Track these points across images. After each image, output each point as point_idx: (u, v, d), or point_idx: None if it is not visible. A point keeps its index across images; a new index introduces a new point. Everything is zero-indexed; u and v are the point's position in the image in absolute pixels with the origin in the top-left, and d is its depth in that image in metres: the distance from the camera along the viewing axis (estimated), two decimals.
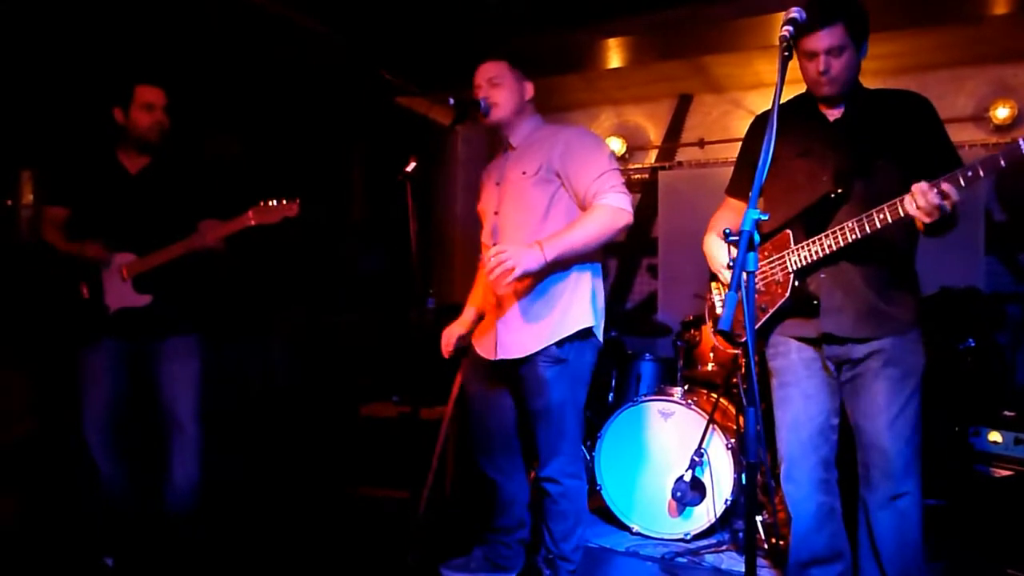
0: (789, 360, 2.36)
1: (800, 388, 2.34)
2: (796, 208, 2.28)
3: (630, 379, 4.22)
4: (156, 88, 2.92)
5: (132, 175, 2.95)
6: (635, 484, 3.59)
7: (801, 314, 2.30)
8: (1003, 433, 3.29)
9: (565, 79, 5.35)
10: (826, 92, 2.24)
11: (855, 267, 2.23)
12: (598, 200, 2.47)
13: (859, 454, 2.31)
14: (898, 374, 2.22)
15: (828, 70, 2.17)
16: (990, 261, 4.82)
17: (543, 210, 2.55)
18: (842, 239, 2.15)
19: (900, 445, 2.21)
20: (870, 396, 2.24)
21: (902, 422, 2.22)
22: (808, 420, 2.33)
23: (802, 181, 2.28)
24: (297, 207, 2.86)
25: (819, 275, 2.26)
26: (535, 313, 2.55)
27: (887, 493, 2.23)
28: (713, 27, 4.31)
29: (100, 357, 2.90)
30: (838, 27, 2.12)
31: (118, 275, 2.88)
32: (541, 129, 2.71)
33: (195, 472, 2.94)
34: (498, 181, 2.71)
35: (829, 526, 2.34)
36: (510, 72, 2.66)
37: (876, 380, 2.23)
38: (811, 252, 2.23)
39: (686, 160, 5.76)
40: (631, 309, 5.94)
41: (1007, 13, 3.97)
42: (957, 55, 4.60)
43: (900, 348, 2.23)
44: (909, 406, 2.23)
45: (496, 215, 2.66)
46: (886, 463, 2.23)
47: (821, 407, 2.33)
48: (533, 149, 2.64)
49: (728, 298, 1.54)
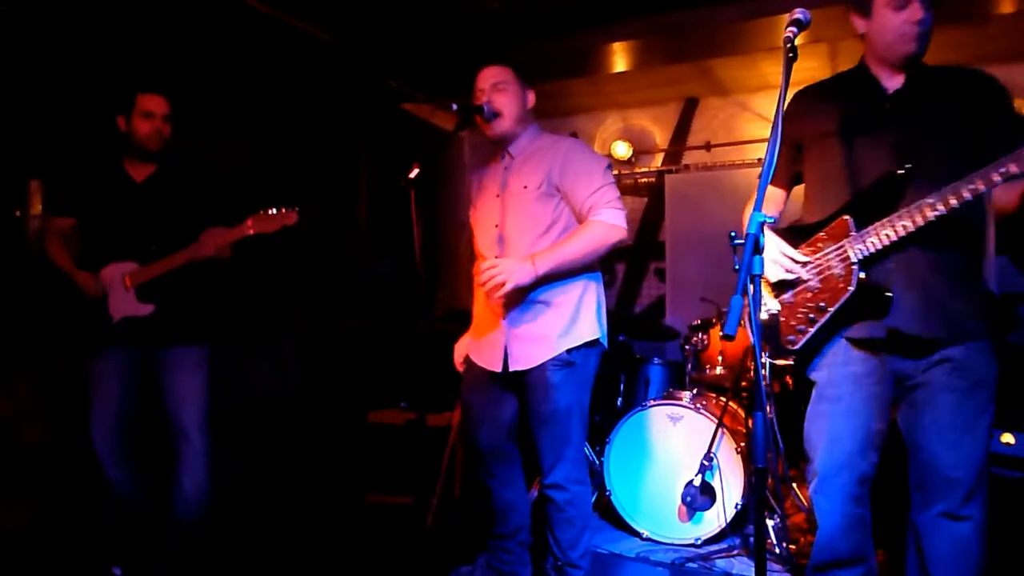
0: (833, 373, 2.13)
1: (844, 404, 2.10)
2: (855, 189, 2.05)
3: (639, 383, 4.21)
4: (158, 96, 2.93)
5: (137, 184, 2.97)
6: (645, 489, 3.57)
7: (866, 313, 2.03)
8: (1016, 435, 3.26)
9: (571, 83, 5.37)
10: (913, 49, 2.03)
11: (927, 258, 1.99)
12: (593, 215, 2.50)
13: (913, 473, 2.10)
14: (966, 385, 1.99)
15: (924, 20, 1.98)
16: (1001, 261, 4.78)
17: (547, 223, 2.55)
18: (920, 217, 1.90)
19: (965, 468, 2.00)
20: (932, 411, 2.03)
21: (969, 441, 2.00)
22: (850, 436, 2.10)
23: (861, 160, 2.05)
24: (296, 216, 2.86)
25: (887, 265, 2.01)
26: (544, 323, 2.54)
27: (943, 515, 2.03)
28: (718, 30, 4.30)
29: (107, 365, 2.90)
30: None
31: (121, 284, 2.89)
32: (539, 139, 2.68)
33: (203, 481, 2.94)
34: (498, 192, 2.65)
35: (858, 534, 2.15)
36: (515, 79, 2.63)
37: (939, 391, 2.01)
38: (880, 237, 1.98)
39: (693, 163, 5.75)
40: (639, 313, 5.92)
41: (1014, 12, 3.96)
42: (966, 54, 4.57)
43: (969, 356, 2.00)
44: (980, 422, 2.00)
45: (497, 227, 2.63)
46: (945, 486, 2.01)
47: (864, 424, 2.10)
48: (533, 161, 2.61)
49: (733, 302, 1.50)
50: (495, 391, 2.67)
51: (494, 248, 2.63)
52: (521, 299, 2.54)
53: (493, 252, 2.63)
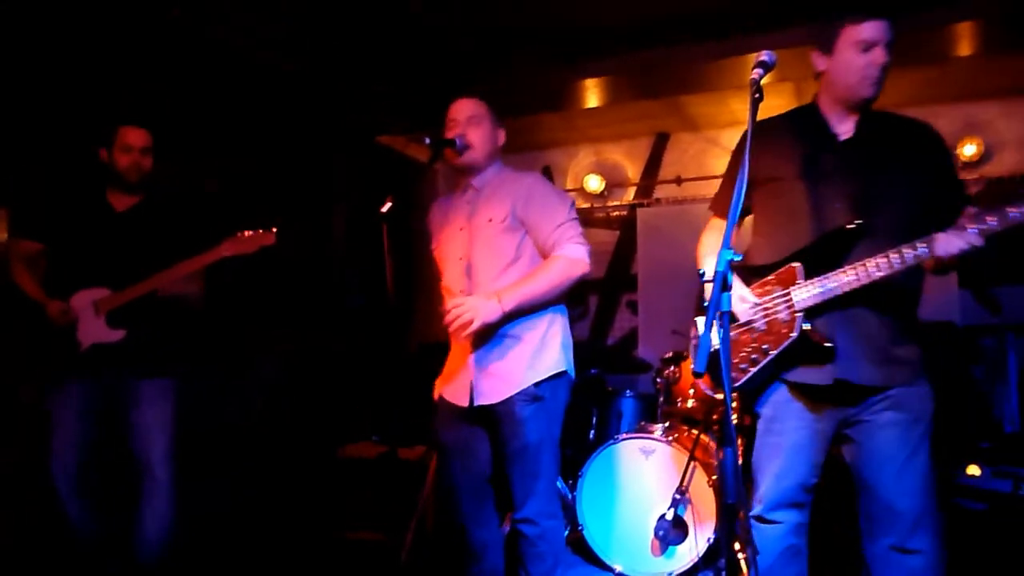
0: (779, 410, 2.19)
1: (788, 438, 2.17)
2: (806, 238, 2.09)
3: (611, 417, 4.21)
4: (139, 130, 2.94)
5: (118, 213, 2.96)
6: (617, 523, 3.56)
7: (809, 359, 2.08)
8: (981, 466, 3.31)
9: (544, 117, 5.43)
10: (871, 93, 2.08)
11: (869, 308, 2.06)
12: (557, 251, 2.52)
13: (861, 506, 2.16)
14: (905, 419, 2.07)
15: (885, 64, 2.04)
16: (964, 295, 4.89)
17: (512, 256, 2.56)
18: (864, 276, 1.98)
19: (909, 498, 2.06)
20: (874, 444, 2.10)
21: (911, 472, 2.06)
22: (794, 470, 2.17)
23: (811, 207, 2.09)
24: (274, 236, 2.86)
25: (832, 317, 2.06)
26: (511, 357, 2.54)
27: (889, 545, 2.08)
28: (689, 68, 4.40)
29: (71, 397, 2.85)
30: (890, 23, 2.04)
31: (91, 310, 2.85)
32: (502, 173, 2.69)
33: (166, 519, 2.88)
34: (462, 225, 2.64)
35: (795, 567, 2.22)
36: (489, 114, 2.64)
37: (880, 427, 2.09)
38: (826, 289, 2.04)
39: (664, 197, 5.82)
40: (612, 345, 5.94)
41: (972, 54, 4.09)
42: (926, 93, 4.71)
43: (909, 395, 2.08)
44: (918, 455, 2.07)
45: (462, 260, 2.61)
46: (891, 516, 2.08)
47: (806, 459, 2.17)
48: (499, 194, 2.61)
49: (702, 339, 1.52)
50: (465, 427, 2.63)
51: (461, 280, 2.60)
52: (487, 334, 2.53)
53: (460, 284, 2.60)
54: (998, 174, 4.87)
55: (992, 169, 4.90)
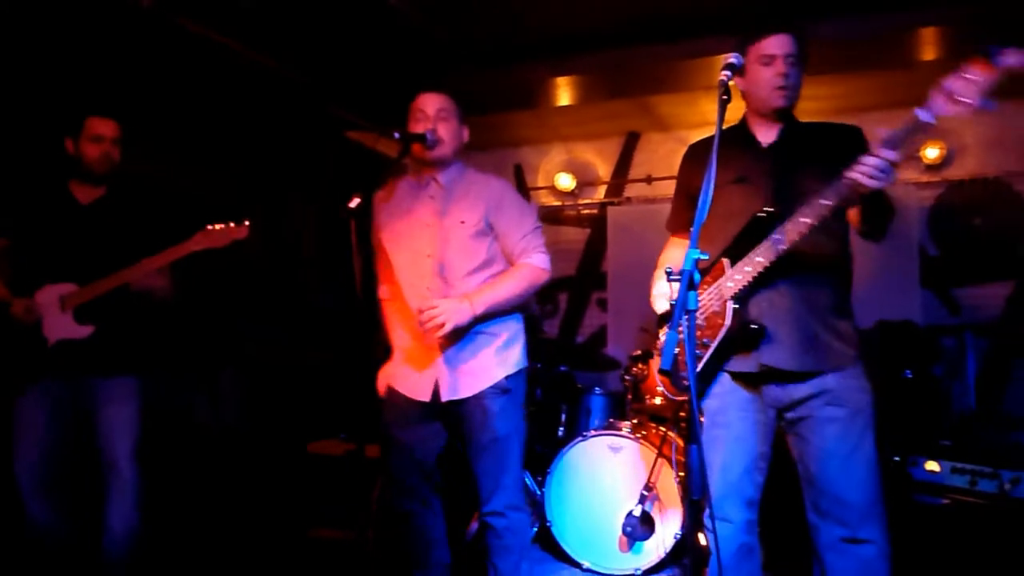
0: (723, 401, 2.27)
1: (732, 430, 2.25)
2: (731, 235, 2.21)
3: (580, 413, 4.23)
4: (107, 120, 2.87)
5: (83, 205, 2.90)
6: (585, 519, 3.58)
7: (744, 347, 2.19)
8: (940, 462, 3.38)
9: (516, 115, 5.44)
10: (780, 103, 2.21)
11: (796, 292, 2.15)
12: (523, 259, 2.63)
13: (808, 500, 2.22)
14: (845, 413, 2.14)
15: (788, 75, 2.17)
16: (925, 295, 4.99)
17: (482, 259, 2.62)
18: (772, 252, 2.09)
19: (856, 491, 2.12)
20: (817, 440, 2.15)
21: (855, 465, 2.13)
22: (737, 462, 2.25)
23: (737, 209, 2.20)
24: (247, 230, 2.83)
25: (760, 302, 2.17)
26: (481, 356, 2.60)
27: (840, 537, 2.14)
28: (659, 68, 4.43)
29: (35, 396, 2.79)
30: (793, 36, 2.18)
31: (58, 306, 2.79)
32: (467, 173, 2.70)
33: (133, 518, 2.83)
34: (428, 223, 2.63)
35: (747, 565, 2.28)
36: (455, 109, 2.63)
37: (822, 423, 2.15)
38: (744, 273, 2.15)
39: (635, 196, 5.87)
40: (581, 343, 5.97)
41: (936, 59, 4.17)
42: (892, 97, 4.78)
43: (844, 386, 2.15)
44: (861, 447, 2.14)
45: (430, 257, 2.60)
46: (840, 509, 2.13)
47: (751, 449, 2.25)
48: (469, 197, 2.62)
49: (668, 337, 1.54)
50: (423, 422, 2.64)
51: (430, 278, 2.59)
52: (456, 333, 2.55)
53: (428, 282, 2.59)
54: (959, 176, 4.99)
55: (953, 172, 5.02)
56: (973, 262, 4.95)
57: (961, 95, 1.79)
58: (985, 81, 1.77)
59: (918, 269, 4.97)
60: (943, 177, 5.03)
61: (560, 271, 6.12)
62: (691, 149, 2.51)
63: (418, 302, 2.53)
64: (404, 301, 2.66)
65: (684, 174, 2.50)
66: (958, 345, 4.70)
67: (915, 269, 4.96)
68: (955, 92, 1.79)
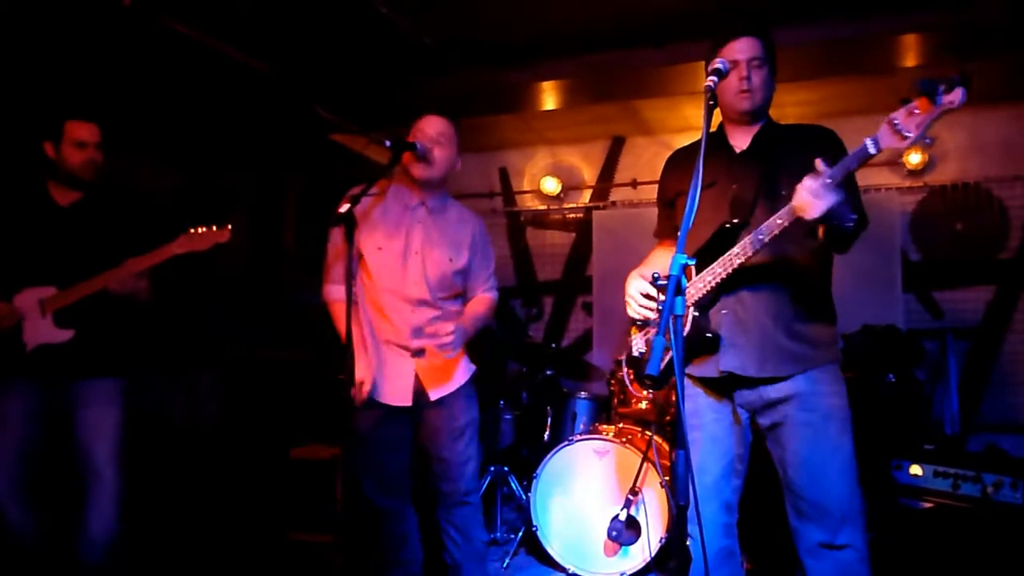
0: (696, 404, 2.28)
1: (707, 432, 2.26)
2: (700, 241, 2.21)
3: (565, 417, 4.22)
4: (89, 124, 2.83)
5: (62, 208, 2.86)
6: (571, 524, 3.57)
7: (704, 352, 2.21)
8: (923, 466, 3.40)
9: (501, 119, 5.43)
10: (746, 106, 2.22)
11: (758, 300, 2.16)
12: (487, 293, 2.96)
13: (788, 504, 2.22)
14: (817, 419, 2.14)
15: (750, 78, 2.18)
16: (907, 299, 5.03)
17: (458, 292, 2.90)
18: (731, 264, 2.10)
19: (832, 496, 2.12)
20: (793, 446, 2.16)
21: (831, 470, 2.13)
22: (714, 464, 2.25)
23: (707, 214, 2.18)
24: (228, 233, 2.82)
25: (720, 310, 2.19)
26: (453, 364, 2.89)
27: (818, 542, 2.14)
28: (643, 72, 4.44)
29: (13, 400, 2.76)
30: (758, 40, 2.19)
31: (38, 310, 2.75)
32: (448, 203, 2.90)
33: (112, 522, 2.80)
34: (416, 249, 2.77)
35: (727, 568, 2.28)
36: (454, 137, 2.75)
37: (794, 429, 2.15)
38: (705, 282, 2.16)
39: (620, 200, 5.89)
40: (567, 347, 5.97)
41: (917, 65, 4.21)
42: (873, 103, 4.82)
43: (812, 391, 2.15)
44: (838, 452, 2.14)
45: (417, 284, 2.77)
46: (818, 514, 2.13)
47: (727, 451, 2.26)
48: (457, 236, 2.84)
49: (655, 342, 1.53)
50: (400, 424, 2.82)
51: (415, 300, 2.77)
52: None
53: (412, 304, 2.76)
54: (941, 182, 5.04)
55: (935, 178, 5.07)
56: (954, 266, 5.00)
57: (904, 128, 1.82)
58: (925, 118, 1.80)
59: (900, 274, 5.01)
60: (925, 182, 5.08)
61: (546, 275, 6.11)
62: (669, 158, 2.55)
63: (404, 320, 2.75)
64: (380, 311, 2.77)
65: (661, 183, 2.56)
66: (940, 348, 4.74)
67: (897, 274, 5.00)
68: (899, 125, 1.82)
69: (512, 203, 6.24)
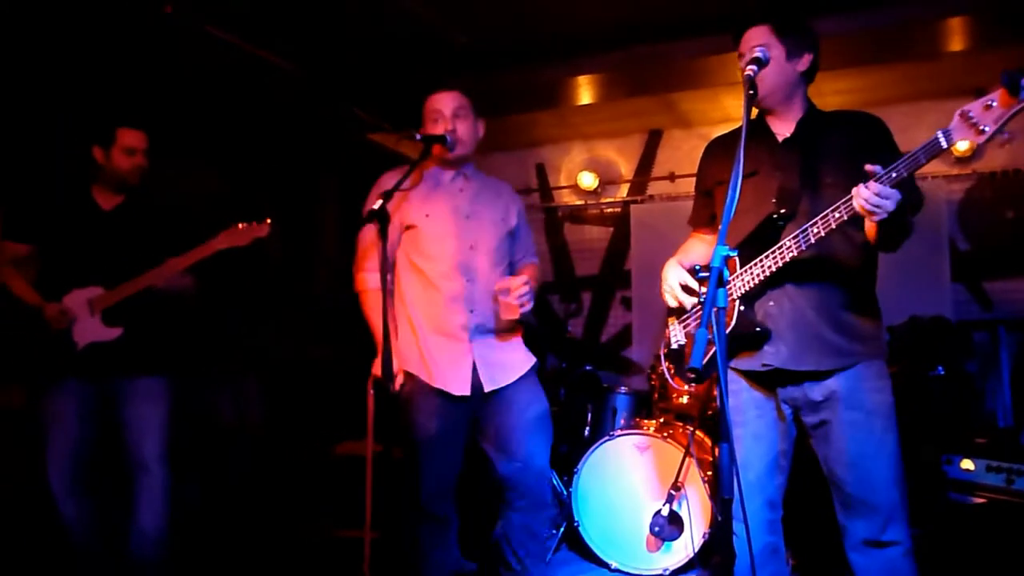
0: (739, 400, 2.25)
1: (750, 428, 2.23)
2: (743, 232, 2.18)
3: (605, 413, 4.20)
4: (138, 132, 2.92)
5: (105, 211, 2.94)
6: (613, 520, 3.56)
7: (748, 346, 2.18)
8: (975, 460, 3.32)
9: (537, 115, 5.42)
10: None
11: (804, 293, 2.13)
12: (531, 259, 2.92)
13: (836, 500, 2.20)
14: (862, 417, 2.11)
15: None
16: (956, 290, 4.91)
17: (508, 259, 2.82)
18: (780, 259, 2.06)
19: (879, 494, 2.09)
20: (838, 444, 2.13)
21: (878, 468, 2.10)
22: (757, 460, 2.22)
23: (750, 204, 2.15)
24: (268, 227, 2.86)
25: (766, 301, 2.16)
26: (510, 345, 2.75)
27: (864, 539, 2.12)
28: (680, 64, 4.39)
29: (66, 399, 2.84)
30: (764, 27, 2.15)
31: (87, 310, 2.83)
32: (478, 172, 2.85)
33: (161, 517, 2.87)
34: (467, 214, 2.70)
35: (772, 565, 2.26)
36: (471, 107, 2.70)
37: (840, 428, 2.13)
38: (753, 275, 2.13)
39: (657, 194, 5.83)
40: (606, 342, 5.94)
41: (963, 50, 4.10)
42: (918, 89, 4.73)
43: (858, 388, 2.11)
44: (883, 449, 2.11)
45: (472, 250, 2.67)
46: (865, 511, 2.11)
47: (770, 448, 2.23)
48: (493, 198, 2.79)
49: (698, 335, 1.52)
50: (458, 415, 2.66)
51: (468, 270, 2.65)
52: (488, 326, 2.69)
53: (465, 275, 2.65)
54: (989, 169, 4.90)
55: (983, 165, 4.92)
56: (1005, 256, 4.86)
57: (981, 122, 1.74)
58: (1005, 112, 1.72)
59: (948, 264, 4.89)
60: (973, 169, 4.94)
61: (584, 270, 6.09)
62: (708, 146, 2.51)
63: (455, 291, 2.61)
64: (431, 290, 2.64)
65: (699, 171, 2.52)
66: (991, 340, 4.61)
67: (946, 264, 4.88)
68: (975, 118, 1.75)
69: (549, 199, 6.22)
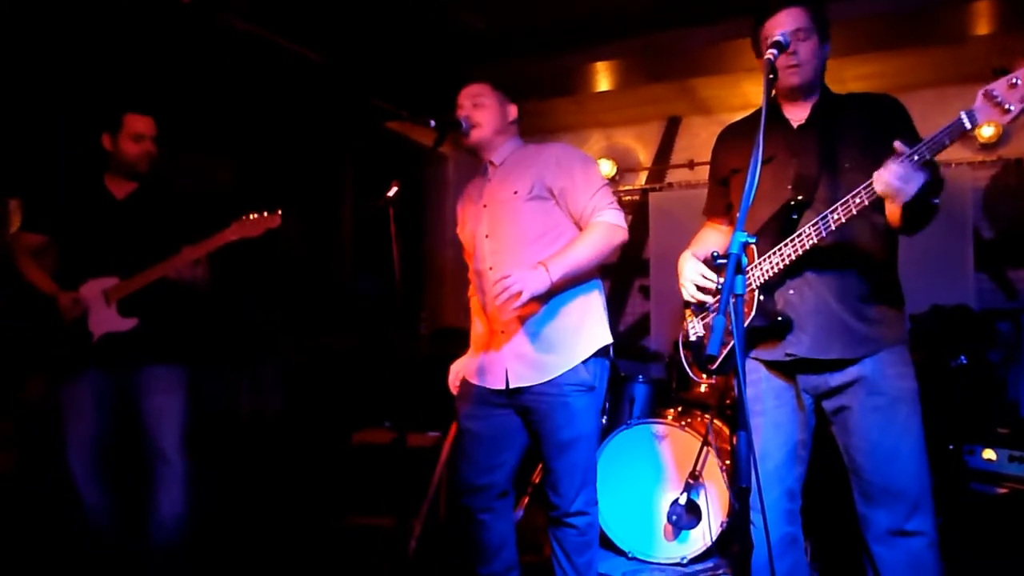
0: (758, 389, 2.21)
1: (769, 418, 2.19)
2: (759, 221, 2.14)
3: (623, 402, 4.19)
4: (146, 118, 2.92)
5: (118, 200, 2.95)
6: (630, 508, 3.55)
7: (770, 336, 2.14)
8: (997, 450, 3.28)
9: (554, 102, 5.39)
10: (795, 81, 2.12)
11: (824, 280, 2.09)
12: (596, 217, 2.44)
13: (856, 490, 2.15)
14: (885, 403, 2.07)
15: (797, 52, 2.06)
16: (980, 278, 4.84)
17: (539, 229, 2.48)
18: (800, 247, 2.02)
19: (903, 481, 2.05)
20: (860, 431, 2.09)
21: (901, 455, 2.06)
22: (776, 450, 2.19)
23: (767, 191, 2.11)
24: (279, 219, 2.85)
25: (787, 291, 2.12)
26: (550, 337, 2.46)
27: (888, 529, 2.07)
28: (699, 50, 4.35)
29: (84, 388, 2.86)
30: (800, 9, 2.09)
31: (102, 300, 2.85)
32: (523, 148, 2.63)
33: (180, 505, 2.89)
34: (485, 203, 2.59)
35: (790, 555, 2.22)
36: (493, 93, 2.61)
37: (862, 414, 2.08)
38: (772, 264, 2.09)
39: (676, 181, 5.79)
40: (624, 331, 5.92)
41: (988, 34, 4.02)
42: (942, 74, 4.65)
43: (880, 374, 2.07)
44: (907, 437, 2.06)
45: (488, 238, 2.55)
46: (888, 500, 2.07)
47: (789, 437, 2.19)
48: (521, 168, 2.55)
49: (716, 323, 1.49)
50: (499, 416, 2.54)
51: (486, 259, 2.55)
52: (526, 311, 2.44)
53: (486, 264, 2.55)
54: (1016, 155, 4.81)
55: (1008, 151, 4.84)
56: None
57: (1005, 101, 1.69)
58: None
59: (972, 252, 4.82)
60: (999, 156, 4.85)
61: None
62: (721, 134, 2.45)
63: (483, 284, 2.50)
64: (476, 286, 2.63)
65: (712, 160, 2.45)
66: (1014, 329, 4.55)
67: (969, 252, 4.81)
68: (999, 97, 1.70)
69: None
